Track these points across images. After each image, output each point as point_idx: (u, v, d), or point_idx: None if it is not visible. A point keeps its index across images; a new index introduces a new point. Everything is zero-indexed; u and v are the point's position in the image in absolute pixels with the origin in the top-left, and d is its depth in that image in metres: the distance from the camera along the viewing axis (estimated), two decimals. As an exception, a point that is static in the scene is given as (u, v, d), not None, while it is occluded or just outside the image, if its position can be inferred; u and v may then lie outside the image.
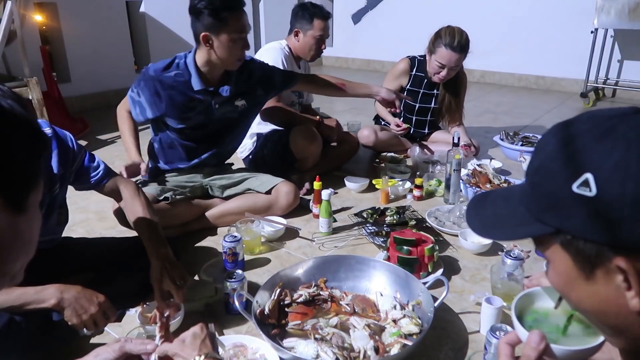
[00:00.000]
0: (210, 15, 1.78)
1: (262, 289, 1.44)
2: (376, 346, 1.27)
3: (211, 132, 2.05)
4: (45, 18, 3.99)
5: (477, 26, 5.12)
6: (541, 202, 0.54)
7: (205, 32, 1.81)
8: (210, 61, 1.89)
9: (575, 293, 0.55)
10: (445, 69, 2.64)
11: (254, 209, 2.04)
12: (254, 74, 2.09)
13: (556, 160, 0.52)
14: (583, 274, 0.52)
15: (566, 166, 0.50)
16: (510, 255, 1.56)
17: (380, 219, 2.04)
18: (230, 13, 1.79)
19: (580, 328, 0.69)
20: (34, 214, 0.60)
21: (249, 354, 1.29)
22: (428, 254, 1.64)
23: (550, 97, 4.71)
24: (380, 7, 6.10)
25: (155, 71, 1.90)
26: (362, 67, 6.48)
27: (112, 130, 3.58)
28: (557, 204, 0.51)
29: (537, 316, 0.72)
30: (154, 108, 1.91)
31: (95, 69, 4.31)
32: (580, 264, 0.52)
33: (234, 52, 1.87)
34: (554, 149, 0.53)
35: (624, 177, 0.45)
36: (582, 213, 0.49)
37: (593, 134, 0.49)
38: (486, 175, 2.36)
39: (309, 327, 1.35)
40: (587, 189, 0.48)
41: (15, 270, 0.60)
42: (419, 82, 2.85)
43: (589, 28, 4.34)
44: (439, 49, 2.60)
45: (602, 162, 0.47)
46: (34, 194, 0.60)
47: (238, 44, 1.86)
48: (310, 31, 2.48)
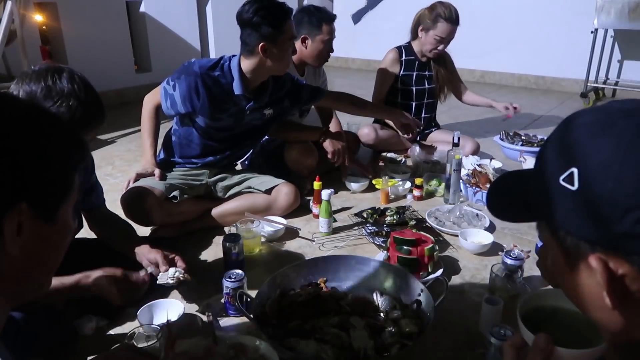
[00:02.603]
0: (269, 25, 1.84)
1: (262, 289, 1.44)
2: (376, 346, 1.27)
3: (234, 135, 2.09)
4: (45, 18, 3.99)
5: (477, 26, 5.14)
6: (536, 189, 0.55)
7: (263, 42, 1.85)
8: (260, 69, 1.93)
9: (563, 282, 0.56)
10: (444, 42, 2.75)
11: (254, 209, 2.04)
12: (285, 85, 2.13)
13: (553, 150, 0.52)
14: (568, 265, 0.53)
15: (558, 157, 0.51)
16: (510, 255, 1.56)
17: (380, 219, 2.04)
18: (286, 21, 1.88)
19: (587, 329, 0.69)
20: (64, 224, 0.60)
21: (249, 354, 1.29)
22: (428, 254, 1.64)
23: (550, 97, 4.71)
24: (380, 7, 6.11)
25: (200, 68, 1.91)
26: (362, 67, 6.48)
27: (112, 130, 3.58)
28: (546, 193, 0.52)
29: (543, 317, 0.72)
30: (187, 103, 1.93)
31: (95, 69, 4.29)
32: (564, 254, 0.52)
33: (287, 58, 1.97)
34: (554, 138, 0.53)
35: (606, 176, 0.45)
36: (565, 206, 0.49)
37: (590, 129, 0.49)
38: (486, 175, 2.36)
39: (309, 327, 1.35)
40: (570, 184, 0.48)
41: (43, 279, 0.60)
42: (410, 66, 2.91)
43: (589, 28, 4.34)
44: (439, 24, 2.70)
45: (589, 158, 0.47)
46: (65, 206, 0.59)
47: (290, 49, 1.97)
48: (320, 36, 2.46)
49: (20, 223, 0.52)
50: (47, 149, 0.56)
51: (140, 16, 4.65)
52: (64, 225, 0.60)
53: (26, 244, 0.54)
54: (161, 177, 1.96)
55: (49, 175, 0.56)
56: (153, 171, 1.96)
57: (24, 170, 0.53)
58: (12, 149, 0.52)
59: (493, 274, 1.57)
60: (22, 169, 0.52)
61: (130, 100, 4.43)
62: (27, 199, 0.53)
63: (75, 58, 4.17)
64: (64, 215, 0.59)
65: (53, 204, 0.57)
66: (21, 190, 0.52)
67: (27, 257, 0.55)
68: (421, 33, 2.80)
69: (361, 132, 2.89)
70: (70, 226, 0.61)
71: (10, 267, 0.54)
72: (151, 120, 2.03)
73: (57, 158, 0.57)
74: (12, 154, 0.52)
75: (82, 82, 1.20)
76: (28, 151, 0.53)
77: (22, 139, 0.53)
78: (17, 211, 0.52)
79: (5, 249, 0.52)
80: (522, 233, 2.05)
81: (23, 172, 0.52)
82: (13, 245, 0.52)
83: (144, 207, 1.83)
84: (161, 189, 1.92)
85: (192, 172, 2.10)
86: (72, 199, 0.60)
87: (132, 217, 1.85)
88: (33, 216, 0.53)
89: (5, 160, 0.51)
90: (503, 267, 1.55)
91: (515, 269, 1.53)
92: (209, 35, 5.28)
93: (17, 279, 0.57)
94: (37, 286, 0.60)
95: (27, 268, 0.57)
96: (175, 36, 4.83)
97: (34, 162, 0.54)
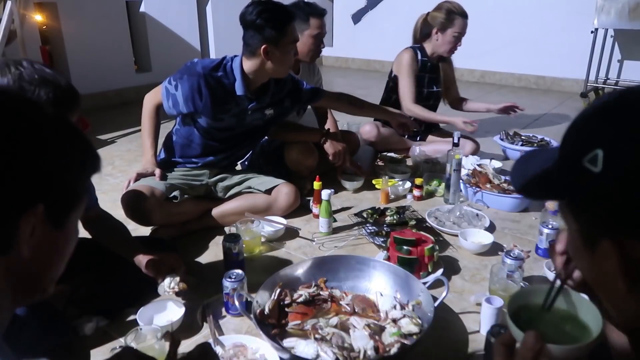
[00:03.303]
0: (272, 28, 1.84)
1: (262, 289, 1.44)
2: (376, 346, 1.27)
3: (235, 135, 2.09)
4: (45, 18, 3.99)
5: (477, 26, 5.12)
6: (559, 169, 0.54)
7: (266, 44, 1.86)
8: (262, 70, 1.93)
9: (580, 262, 0.56)
10: (461, 38, 2.76)
11: (254, 209, 2.04)
12: (286, 86, 2.14)
13: (580, 130, 0.52)
14: (585, 245, 0.53)
15: (584, 138, 0.50)
16: (510, 255, 1.57)
17: (380, 219, 2.04)
18: (289, 24, 1.89)
19: (575, 326, 0.70)
20: (72, 231, 0.61)
21: (249, 354, 1.29)
22: (428, 254, 1.64)
23: (550, 97, 4.71)
24: (380, 7, 6.11)
25: (204, 68, 1.91)
26: (362, 67, 6.49)
27: (112, 130, 3.58)
28: (569, 173, 0.51)
29: (532, 314, 0.72)
30: (189, 104, 1.92)
31: (95, 69, 4.31)
32: (583, 234, 0.53)
33: (289, 61, 1.97)
34: (582, 117, 0.53)
35: (629, 162, 0.45)
36: (586, 187, 0.49)
37: (621, 112, 0.48)
38: (486, 175, 2.36)
39: (309, 327, 1.35)
40: (594, 165, 0.48)
41: (46, 284, 0.61)
42: (424, 67, 2.89)
43: (589, 28, 4.34)
44: (456, 21, 2.71)
45: (616, 142, 0.47)
46: (75, 214, 0.60)
47: (292, 52, 1.96)
48: (308, 30, 2.44)
49: (34, 225, 0.54)
50: (70, 155, 0.58)
51: (140, 16, 4.65)
52: (70, 233, 0.61)
53: (34, 248, 0.55)
54: (161, 176, 1.96)
55: (68, 181, 0.57)
56: (154, 171, 1.96)
57: (48, 173, 0.55)
58: (41, 151, 0.54)
59: (493, 274, 1.57)
60: (47, 171, 0.54)
61: (130, 100, 4.43)
62: (45, 201, 0.54)
63: (75, 58, 4.17)
64: (72, 222, 0.60)
65: (66, 210, 0.59)
66: (42, 192, 0.54)
67: (34, 260, 0.56)
68: (437, 35, 2.76)
69: (363, 129, 2.89)
70: (76, 234, 0.62)
71: (19, 269, 0.55)
72: (151, 119, 2.03)
73: (76, 165, 0.59)
74: (40, 155, 0.54)
75: (47, 68, 1.17)
76: (54, 155, 0.55)
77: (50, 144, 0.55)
78: (33, 212, 0.53)
79: (19, 249, 0.53)
80: (522, 233, 2.05)
81: (47, 174, 0.54)
82: (25, 246, 0.54)
83: (144, 208, 1.83)
84: (161, 189, 1.92)
85: (193, 172, 2.10)
86: (82, 208, 0.62)
87: (133, 217, 1.85)
88: (44, 220, 0.55)
89: (34, 160, 0.53)
90: (503, 267, 1.55)
91: (515, 269, 1.53)
92: (209, 35, 5.28)
93: (24, 281, 0.57)
94: (41, 291, 0.61)
95: (33, 271, 0.58)
96: (175, 36, 4.83)
97: (58, 166, 0.56)
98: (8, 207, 0.52)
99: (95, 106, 4.25)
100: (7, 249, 0.53)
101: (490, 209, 2.27)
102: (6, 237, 0.53)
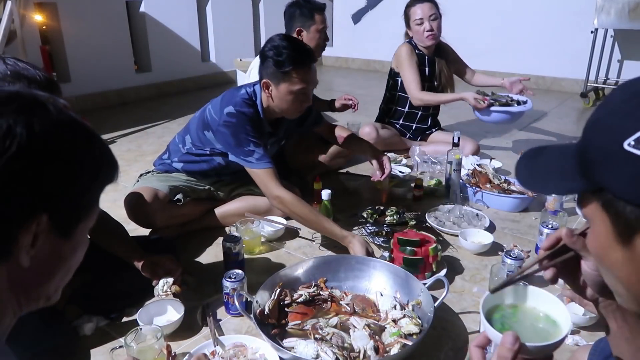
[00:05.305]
0: (274, 65, 1.74)
1: (262, 289, 1.45)
2: (376, 346, 1.27)
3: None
4: (45, 18, 3.99)
5: (477, 26, 5.14)
6: (590, 157, 0.51)
7: (266, 79, 1.79)
8: (269, 106, 1.87)
9: (609, 258, 0.53)
10: (426, 21, 2.74)
11: (254, 210, 2.04)
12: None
13: (615, 114, 0.50)
14: (620, 239, 0.50)
15: (623, 121, 0.48)
16: (510, 255, 1.57)
17: (380, 219, 2.04)
18: (295, 67, 1.74)
19: (547, 322, 0.74)
20: (80, 240, 0.58)
21: (249, 354, 1.29)
22: (432, 254, 1.65)
23: (550, 97, 4.70)
24: (380, 7, 6.10)
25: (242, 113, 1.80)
26: (362, 67, 6.48)
27: (112, 130, 3.58)
28: (605, 160, 0.49)
29: (504, 313, 0.75)
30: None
31: (95, 69, 4.31)
32: (618, 227, 0.49)
33: (292, 105, 1.83)
34: (616, 102, 0.51)
35: None
36: (629, 173, 0.46)
37: None
38: (486, 175, 2.36)
39: (309, 327, 1.35)
40: (637, 148, 0.45)
41: (51, 292, 0.59)
42: (422, 61, 2.90)
43: (589, 28, 4.33)
44: (412, 9, 2.76)
45: None
46: (85, 224, 0.57)
47: (298, 98, 1.80)
48: (314, 26, 2.49)
49: (37, 235, 0.51)
50: (79, 164, 0.54)
51: (140, 16, 4.65)
52: (79, 242, 0.58)
53: (37, 256, 0.53)
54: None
55: (76, 191, 0.54)
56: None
57: (50, 182, 0.51)
58: (40, 159, 0.50)
59: (493, 274, 1.57)
60: (49, 181, 0.51)
61: (130, 100, 4.42)
62: (49, 211, 0.51)
63: (75, 58, 4.17)
64: (81, 232, 0.57)
65: (74, 220, 0.55)
66: (44, 202, 0.51)
67: (37, 269, 0.54)
68: (409, 31, 2.85)
69: (362, 131, 2.89)
70: (84, 244, 0.59)
71: (21, 277, 0.53)
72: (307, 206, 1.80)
73: (88, 175, 0.55)
74: (38, 164, 0.50)
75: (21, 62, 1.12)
76: (58, 164, 0.52)
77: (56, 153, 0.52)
78: (36, 223, 0.50)
79: (17, 259, 0.51)
80: (522, 233, 2.05)
81: (49, 184, 0.51)
82: (25, 256, 0.51)
83: (147, 211, 1.82)
84: (165, 191, 1.91)
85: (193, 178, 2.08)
86: (93, 218, 0.58)
87: (136, 220, 1.85)
88: (50, 229, 0.52)
89: (31, 169, 0.49)
90: (503, 267, 1.55)
91: (515, 269, 1.53)
92: (209, 35, 5.27)
93: (26, 289, 0.55)
94: (45, 298, 0.59)
95: (36, 280, 0.56)
96: (175, 36, 4.82)
97: (62, 175, 0.52)
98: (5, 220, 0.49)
99: (95, 106, 4.25)
100: (7, 257, 0.51)
101: (490, 209, 2.27)
102: (4, 246, 0.50)
